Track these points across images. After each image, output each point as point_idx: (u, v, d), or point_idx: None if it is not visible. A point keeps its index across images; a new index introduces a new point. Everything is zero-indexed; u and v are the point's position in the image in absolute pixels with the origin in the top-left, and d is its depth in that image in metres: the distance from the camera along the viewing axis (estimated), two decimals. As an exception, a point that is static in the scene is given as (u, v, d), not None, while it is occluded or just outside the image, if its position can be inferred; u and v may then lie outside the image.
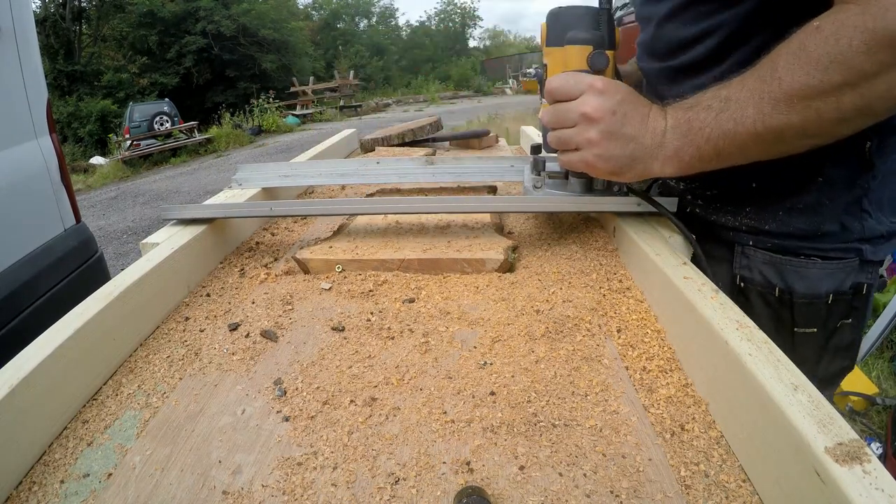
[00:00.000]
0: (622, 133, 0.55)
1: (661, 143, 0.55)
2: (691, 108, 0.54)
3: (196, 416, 0.45)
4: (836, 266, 0.62)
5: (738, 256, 0.67)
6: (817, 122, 0.47)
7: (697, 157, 0.54)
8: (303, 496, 0.36)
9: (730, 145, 0.52)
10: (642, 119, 0.55)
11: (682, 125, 0.54)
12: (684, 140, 0.54)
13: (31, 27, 1.59)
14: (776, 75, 0.48)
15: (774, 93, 0.48)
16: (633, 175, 0.58)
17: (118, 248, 4.77)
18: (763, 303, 0.66)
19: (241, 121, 13.19)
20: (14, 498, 0.38)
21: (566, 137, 0.58)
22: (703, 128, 0.53)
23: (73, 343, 0.46)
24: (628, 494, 0.35)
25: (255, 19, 18.40)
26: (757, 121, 0.49)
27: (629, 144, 0.55)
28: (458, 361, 0.50)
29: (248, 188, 0.91)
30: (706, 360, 0.44)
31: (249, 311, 0.61)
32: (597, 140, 0.55)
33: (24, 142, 1.50)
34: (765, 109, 0.49)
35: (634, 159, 0.56)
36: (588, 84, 0.56)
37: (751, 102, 0.50)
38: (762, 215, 0.64)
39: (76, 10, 17.35)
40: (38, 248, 1.48)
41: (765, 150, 0.52)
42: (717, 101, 0.52)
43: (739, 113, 0.50)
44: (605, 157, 0.56)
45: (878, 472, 0.29)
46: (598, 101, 0.55)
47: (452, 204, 0.74)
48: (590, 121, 0.55)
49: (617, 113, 0.55)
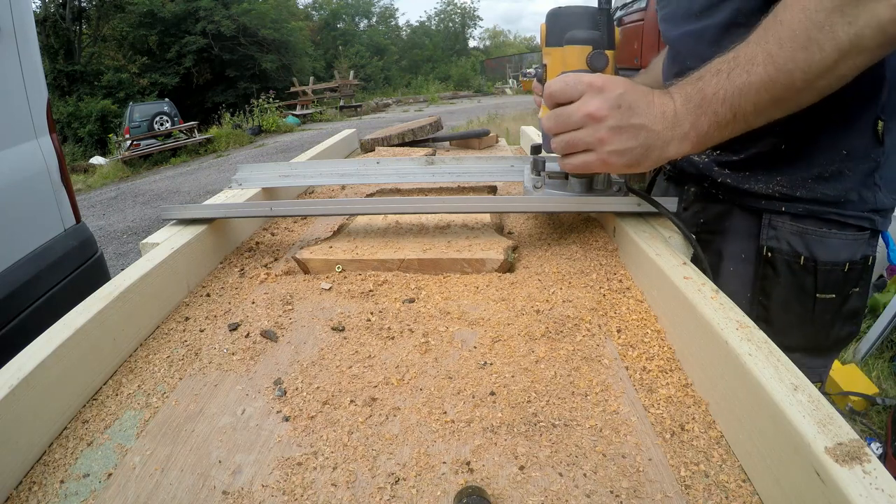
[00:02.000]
0: (631, 124, 0.55)
1: (675, 124, 0.55)
2: (700, 79, 0.55)
3: (196, 416, 0.44)
4: (853, 237, 0.67)
5: (766, 228, 0.70)
6: (820, 57, 0.50)
7: (716, 123, 0.55)
8: (303, 496, 0.36)
9: (745, 101, 0.53)
10: (648, 106, 0.56)
11: (693, 97, 0.55)
12: (699, 111, 0.55)
13: (31, 27, 1.58)
14: (776, 19, 0.52)
15: (778, 32, 0.51)
16: (650, 163, 0.58)
17: (118, 248, 4.77)
18: (789, 271, 0.69)
19: (241, 121, 13.18)
20: (14, 498, 0.38)
21: (573, 140, 0.58)
22: (717, 91, 0.54)
23: (73, 343, 0.46)
24: (628, 494, 0.35)
25: (255, 19, 18.40)
26: (767, 63, 0.52)
27: (640, 133, 0.55)
28: (458, 361, 0.50)
29: (247, 188, 0.91)
30: (706, 360, 0.44)
31: (249, 311, 0.60)
32: (607, 137, 0.55)
33: (24, 142, 1.50)
34: (772, 51, 0.51)
35: (649, 147, 0.56)
36: (587, 84, 0.56)
37: (758, 50, 0.52)
38: (793, 182, 0.67)
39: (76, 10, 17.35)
40: (38, 248, 1.48)
41: (779, 100, 0.53)
42: (725, 63, 0.54)
43: (750, 63, 0.52)
44: (619, 151, 0.56)
45: (878, 472, 0.29)
46: (600, 99, 0.55)
47: (452, 204, 0.74)
48: (596, 120, 0.55)
49: (622, 106, 0.55)
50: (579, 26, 0.66)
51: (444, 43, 32.24)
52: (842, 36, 0.49)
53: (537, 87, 0.83)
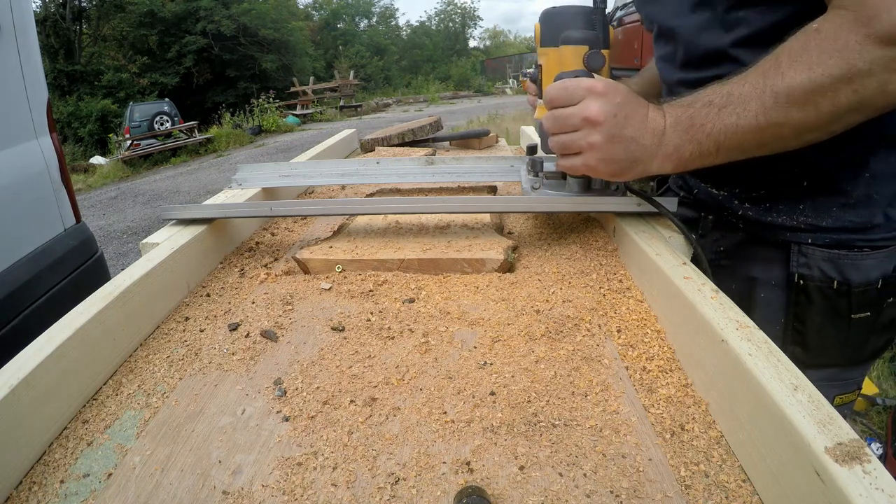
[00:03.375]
0: (624, 135, 0.56)
1: (661, 142, 0.56)
2: (691, 105, 0.55)
3: (196, 416, 0.44)
4: (885, 254, 0.66)
5: (796, 256, 0.69)
6: (815, 116, 0.51)
7: (698, 152, 0.56)
8: (303, 496, 0.36)
9: (730, 140, 0.54)
10: (642, 120, 0.56)
11: (682, 122, 0.56)
12: (685, 137, 0.56)
13: (32, 27, 1.58)
14: (779, 70, 0.51)
15: (777, 87, 0.51)
16: (632, 175, 0.59)
17: (118, 248, 4.77)
18: (822, 296, 0.68)
19: (242, 121, 13.18)
20: (14, 498, 0.38)
21: (569, 142, 0.58)
22: (705, 123, 0.54)
23: (73, 343, 0.46)
24: (628, 494, 0.35)
25: (256, 19, 18.40)
26: (759, 114, 0.52)
27: (630, 146, 0.56)
28: (458, 361, 0.50)
29: (247, 188, 0.91)
30: (706, 360, 0.44)
31: (249, 311, 0.60)
32: (600, 143, 0.56)
33: (24, 142, 1.50)
34: (767, 103, 0.51)
35: (635, 160, 0.57)
36: (587, 88, 0.56)
37: (753, 96, 0.52)
38: (818, 212, 0.66)
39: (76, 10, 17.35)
40: (38, 248, 1.48)
41: (762, 145, 0.54)
42: (719, 97, 0.54)
43: (742, 107, 0.53)
44: (607, 159, 0.57)
45: (878, 472, 0.29)
46: (599, 105, 0.55)
47: (452, 204, 0.74)
48: (593, 124, 0.56)
49: (619, 115, 0.55)
50: (574, 26, 0.66)
51: (444, 43, 32.23)
52: (843, 102, 0.49)
53: (531, 87, 0.83)
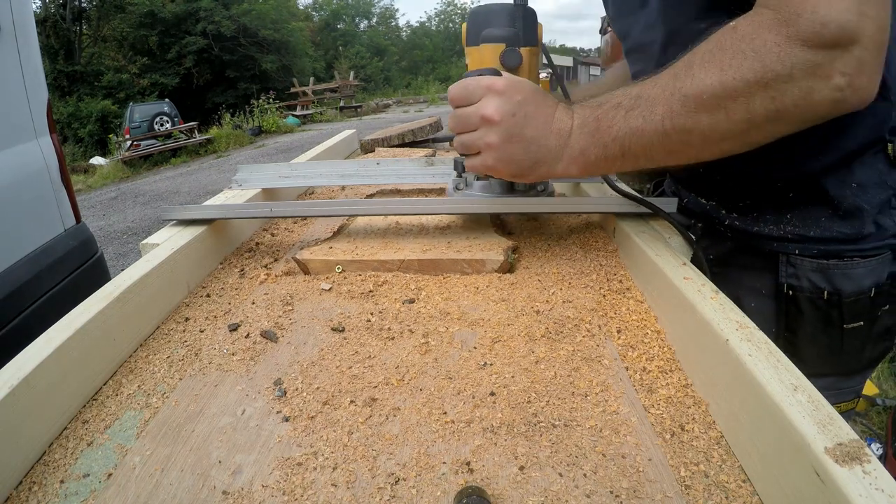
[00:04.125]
0: (523, 135, 0.54)
1: (567, 144, 0.54)
2: (600, 107, 0.53)
3: (196, 416, 0.44)
4: (876, 262, 0.64)
5: (784, 266, 0.67)
6: (727, 124, 0.47)
7: (603, 156, 0.53)
8: (303, 496, 0.36)
9: (636, 144, 0.51)
10: (546, 120, 0.54)
11: (589, 124, 0.53)
12: (591, 139, 0.53)
13: (32, 27, 1.59)
14: (690, 72, 0.47)
15: (686, 89, 0.47)
16: (535, 176, 0.57)
17: (118, 248, 4.77)
18: (813, 307, 0.66)
19: (242, 121, 13.19)
20: (14, 498, 0.38)
21: (469, 141, 0.57)
22: (612, 126, 0.51)
23: (73, 343, 0.46)
24: (628, 494, 0.35)
25: (256, 20, 18.42)
26: (665, 118, 0.48)
27: (531, 147, 0.54)
28: (458, 362, 0.50)
29: (247, 189, 0.91)
30: (706, 360, 0.44)
31: (249, 311, 0.61)
32: (496, 143, 0.55)
33: (24, 142, 1.50)
34: (674, 107, 0.48)
35: (537, 161, 0.55)
36: (487, 86, 0.55)
37: (661, 99, 0.49)
38: (805, 222, 0.64)
39: (76, 11, 17.36)
40: (38, 248, 1.48)
41: (671, 152, 0.51)
42: (628, 98, 0.51)
43: (649, 110, 0.49)
44: (505, 159, 0.55)
45: (878, 472, 0.29)
46: (497, 104, 0.54)
47: (452, 204, 0.74)
48: (490, 123, 0.54)
49: (517, 115, 0.54)
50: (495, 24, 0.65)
51: (444, 44, 32.25)
52: (759, 109, 0.45)
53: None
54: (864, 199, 0.61)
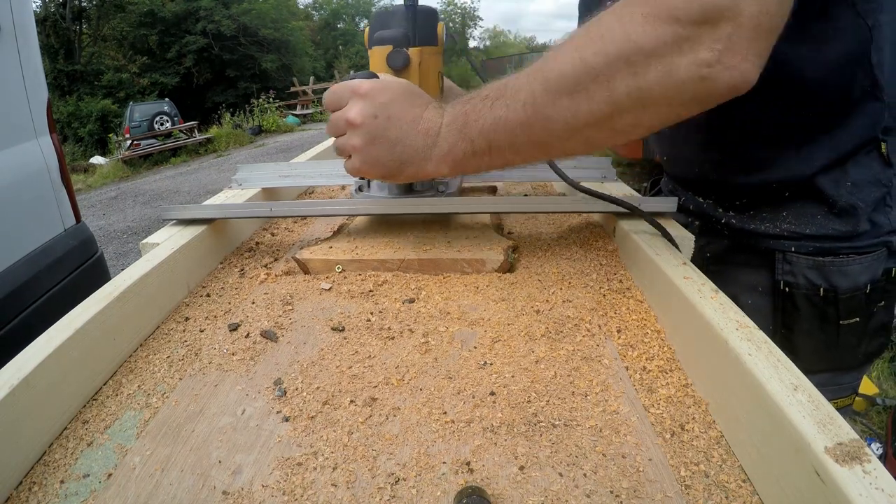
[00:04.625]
0: (386, 137, 0.54)
1: (435, 143, 0.54)
2: (469, 101, 0.52)
3: (196, 416, 0.44)
4: (871, 259, 0.65)
5: (780, 263, 0.68)
6: (587, 105, 0.44)
7: (471, 151, 0.52)
8: (303, 496, 0.36)
9: (500, 136, 0.49)
10: (412, 121, 0.54)
11: (457, 120, 0.53)
12: (458, 135, 0.52)
13: (32, 27, 1.59)
14: (555, 56, 0.46)
15: (547, 72, 0.46)
16: (405, 177, 0.57)
17: (118, 248, 4.77)
18: (809, 304, 0.67)
19: (242, 121, 13.19)
20: (14, 498, 0.38)
21: (339, 145, 0.58)
22: (478, 119, 0.50)
23: (73, 343, 0.46)
24: (628, 494, 0.35)
25: (256, 19, 18.41)
26: (527, 104, 0.47)
27: (395, 148, 0.54)
28: (458, 361, 0.50)
29: (247, 188, 0.91)
30: (706, 360, 0.44)
31: (249, 311, 0.60)
32: (360, 146, 0.55)
33: (24, 142, 1.50)
34: (536, 91, 0.46)
35: (403, 162, 0.55)
36: (352, 90, 0.55)
37: (524, 86, 0.47)
38: (801, 220, 0.65)
39: (76, 10, 17.35)
40: (38, 248, 1.48)
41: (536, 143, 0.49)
42: (495, 89, 0.50)
43: (512, 98, 0.48)
44: (370, 161, 0.55)
45: (878, 472, 0.29)
46: (359, 107, 0.54)
47: (452, 204, 0.74)
48: (353, 127, 0.55)
49: (379, 117, 0.54)
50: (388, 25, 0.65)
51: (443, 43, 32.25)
52: (620, 88, 0.43)
53: None
54: (858, 198, 0.62)
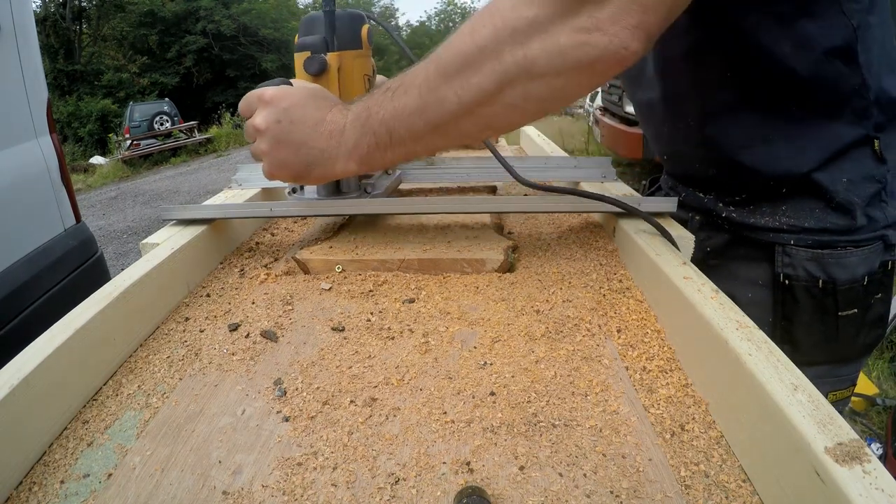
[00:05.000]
0: (290, 140, 0.55)
1: (340, 142, 0.55)
2: (372, 96, 0.53)
3: (196, 416, 0.45)
4: (868, 251, 0.66)
5: (780, 256, 0.69)
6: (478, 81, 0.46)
7: (375, 144, 0.53)
8: (303, 496, 0.36)
9: (400, 125, 0.50)
10: (315, 124, 0.55)
11: (360, 116, 0.54)
12: (363, 130, 0.53)
13: (32, 27, 1.59)
14: (448, 43, 0.47)
15: (441, 55, 0.48)
16: (314, 178, 0.58)
17: (118, 248, 4.77)
18: (808, 295, 0.69)
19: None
20: (14, 498, 0.38)
21: (252, 150, 0.60)
22: (379, 111, 0.52)
23: (73, 343, 0.46)
24: (628, 494, 0.35)
25: (256, 19, 18.41)
26: (422, 89, 0.48)
27: (300, 150, 0.56)
28: (458, 361, 0.50)
29: (247, 188, 0.91)
30: (706, 360, 0.44)
31: (249, 311, 0.61)
32: (266, 150, 0.57)
33: (24, 142, 1.50)
34: (430, 74, 0.48)
35: (310, 164, 0.56)
36: (258, 97, 0.57)
37: (421, 72, 0.49)
38: (800, 214, 0.67)
39: (76, 10, 17.35)
40: (38, 248, 1.48)
41: (435, 128, 0.50)
42: (397, 80, 0.51)
43: (410, 84, 0.49)
44: (277, 164, 0.57)
45: (878, 472, 0.29)
46: (264, 113, 0.56)
47: (452, 204, 0.74)
48: (259, 132, 0.57)
49: (282, 121, 0.55)
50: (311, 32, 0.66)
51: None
52: (507, 59, 0.44)
53: None
54: (854, 193, 0.64)
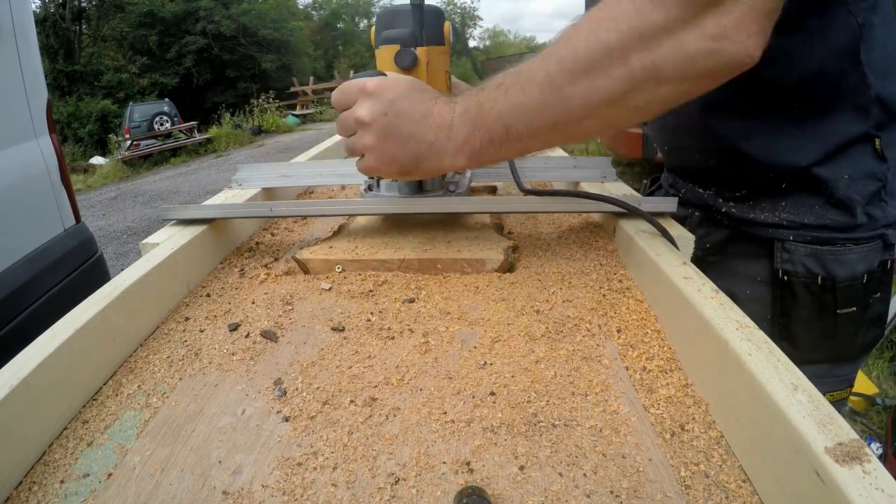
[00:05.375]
0: (398, 133, 0.54)
1: (449, 136, 0.53)
2: (482, 91, 0.52)
3: (196, 416, 0.44)
4: (868, 249, 0.66)
5: (779, 252, 0.69)
6: (605, 85, 0.45)
7: (489, 140, 0.51)
8: (303, 496, 0.36)
9: (518, 121, 0.49)
10: (422, 116, 0.54)
11: (471, 110, 0.52)
12: (474, 125, 0.52)
13: (31, 27, 1.59)
14: (567, 39, 0.47)
15: (562, 53, 0.46)
16: (423, 173, 0.57)
17: (118, 248, 4.77)
18: (807, 292, 0.68)
19: (241, 121, 13.18)
20: (14, 498, 0.38)
21: (351, 144, 0.58)
22: (493, 106, 0.50)
23: (73, 343, 0.46)
24: (628, 494, 0.35)
25: (255, 19, 18.41)
26: (543, 86, 0.47)
27: (408, 144, 0.54)
28: (458, 361, 0.50)
29: (248, 188, 0.91)
30: (706, 360, 0.44)
31: (249, 311, 0.60)
32: (372, 144, 0.55)
33: (23, 142, 1.50)
34: (552, 73, 0.46)
35: (418, 158, 0.54)
36: (359, 88, 0.55)
37: (539, 69, 0.48)
38: (799, 210, 0.67)
39: (76, 10, 17.34)
40: (37, 248, 1.48)
41: (555, 125, 0.49)
42: (509, 76, 0.50)
43: (528, 82, 0.48)
44: (385, 159, 0.55)
45: (878, 472, 0.29)
46: (368, 105, 0.54)
47: (452, 204, 0.74)
48: (363, 125, 0.54)
49: (389, 114, 0.53)
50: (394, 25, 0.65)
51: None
52: (635, 64, 0.44)
53: None
54: (854, 190, 0.64)
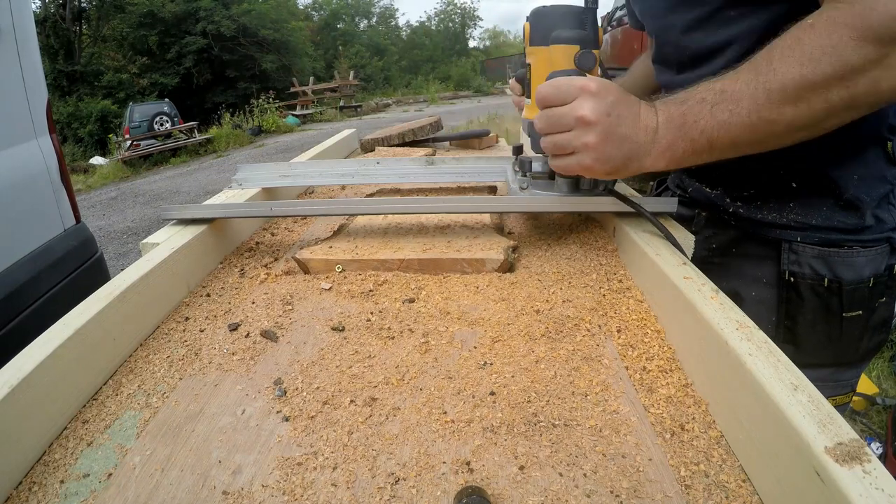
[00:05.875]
0: (618, 134, 0.56)
1: (654, 139, 0.56)
2: (684, 102, 0.56)
3: (196, 416, 0.44)
4: (875, 252, 0.67)
5: (786, 253, 0.69)
6: (808, 113, 0.51)
7: (691, 149, 0.56)
8: (303, 496, 0.36)
9: (723, 137, 0.54)
10: (635, 118, 0.56)
11: (675, 119, 0.56)
12: (678, 133, 0.56)
13: (31, 27, 1.59)
14: (771, 67, 0.51)
15: (769, 83, 0.51)
16: (626, 173, 0.59)
17: (118, 248, 4.77)
18: (813, 294, 0.69)
19: (241, 121, 13.17)
20: (14, 498, 0.38)
21: (563, 142, 0.58)
22: (698, 120, 0.54)
23: (73, 343, 0.46)
24: (628, 494, 0.35)
25: (256, 19, 18.39)
26: (752, 111, 0.52)
27: (625, 144, 0.56)
28: (458, 361, 0.50)
29: (248, 188, 0.91)
30: (706, 360, 0.44)
31: (249, 311, 0.60)
32: (594, 143, 0.56)
33: (23, 142, 1.50)
34: (759, 100, 0.51)
35: (629, 158, 0.57)
36: (581, 87, 0.56)
37: (746, 93, 0.52)
38: (807, 211, 0.67)
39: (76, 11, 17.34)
40: (37, 248, 1.48)
41: (756, 142, 0.54)
42: (712, 93, 0.54)
43: (735, 104, 0.53)
44: (602, 159, 0.56)
45: (878, 472, 0.29)
46: (592, 104, 0.55)
47: (452, 204, 0.74)
48: (587, 124, 0.55)
49: (612, 114, 0.55)
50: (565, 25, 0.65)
51: (444, 43, 32.18)
52: (836, 100, 0.49)
53: (517, 87, 0.82)
54: (864, 192, 0.64)
